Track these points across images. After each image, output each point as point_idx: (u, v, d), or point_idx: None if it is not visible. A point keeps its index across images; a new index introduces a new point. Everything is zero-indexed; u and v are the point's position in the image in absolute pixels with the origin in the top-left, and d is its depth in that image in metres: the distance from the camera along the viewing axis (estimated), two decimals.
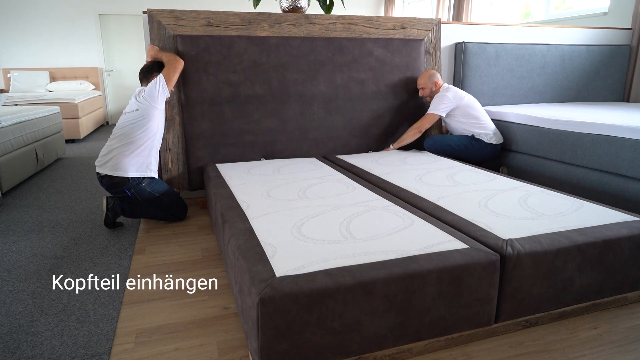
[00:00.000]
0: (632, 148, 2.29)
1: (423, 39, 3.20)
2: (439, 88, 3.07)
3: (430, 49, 3.25)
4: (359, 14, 3.42)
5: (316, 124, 2.98)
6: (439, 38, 3.27)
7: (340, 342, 1.22)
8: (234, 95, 2.78)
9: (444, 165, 2.55)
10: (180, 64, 2.55)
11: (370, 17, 3.08)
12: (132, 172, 2.36)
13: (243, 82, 2.78)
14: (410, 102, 3.19)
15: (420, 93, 3.13)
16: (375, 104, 3.10)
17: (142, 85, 2.53)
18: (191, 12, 2.70)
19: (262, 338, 1.14)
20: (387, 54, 3.07)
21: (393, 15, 7.60)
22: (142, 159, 2.39)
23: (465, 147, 2.98)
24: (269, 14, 2.85)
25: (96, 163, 2.42)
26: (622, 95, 3.98)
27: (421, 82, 3.10)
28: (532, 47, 3.56)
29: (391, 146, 3.08)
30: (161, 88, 2.42)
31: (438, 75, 3.09)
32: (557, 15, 4.91)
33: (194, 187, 2.80)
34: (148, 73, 2.51)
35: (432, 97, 3.11)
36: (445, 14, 6.64)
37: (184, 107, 2.73)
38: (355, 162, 2.72)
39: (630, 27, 3.95)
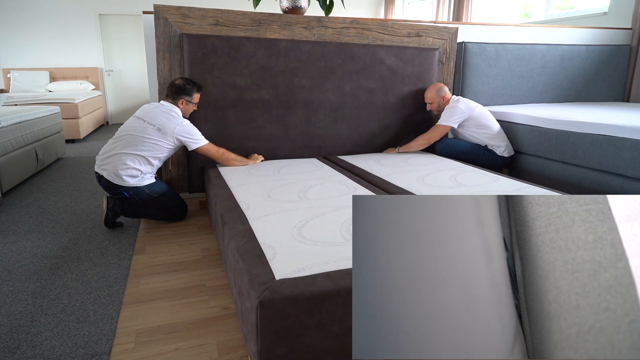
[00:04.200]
0: (632, 148, 2.29)
1: (438, 49, 3.14)
2: (447, 101, 3.03)
3: (444, 59, 3.20)
4: (360, 15, 3.37)
5: (320, 132, 2.96)
6: (454, 48, 3.20)
7: (341, 346, 1.21)
8: (238, 100, 2.74)
9: (446, 166, 2.55)
10: (229, 164, 2.56)
11: (385, 22, 2.99)
12: (130, 182, 2.37)
13: (249, 86, 2.74)
14: (418, 115, 3.17)
15: (428, 107, 3.09)
16: (382, 114, 3.07)
17: (166, 100, 2.50)
18: (199, 9, 2.62)
19: (262, 342, 1.13)
20: (399, 62, 3.01)
21: (400, 19, 7.59)
22: (142, 171, 2.39)
23: (477, 156, 2.98)
24: (280, 15, 2.77)
25: (97, 160, 2.42)
26: (622, 95, 3.98)
27: (429, 96, 3.05)
28: (532, 47, 3.56)
29: (397, 148, 3.07)
30: (192, 143, 2.41)
31: (446, 88, 3.04)
32: (557, 15, 4.90)
33: (194, 189, 2.79)
34: (176, 94, 2.46)
35: (439, 111, 3.08)
36: (445, 14, 6.65)
37: None
38: (357, 162, 2.71)
39: (630, 27, 3.96)
